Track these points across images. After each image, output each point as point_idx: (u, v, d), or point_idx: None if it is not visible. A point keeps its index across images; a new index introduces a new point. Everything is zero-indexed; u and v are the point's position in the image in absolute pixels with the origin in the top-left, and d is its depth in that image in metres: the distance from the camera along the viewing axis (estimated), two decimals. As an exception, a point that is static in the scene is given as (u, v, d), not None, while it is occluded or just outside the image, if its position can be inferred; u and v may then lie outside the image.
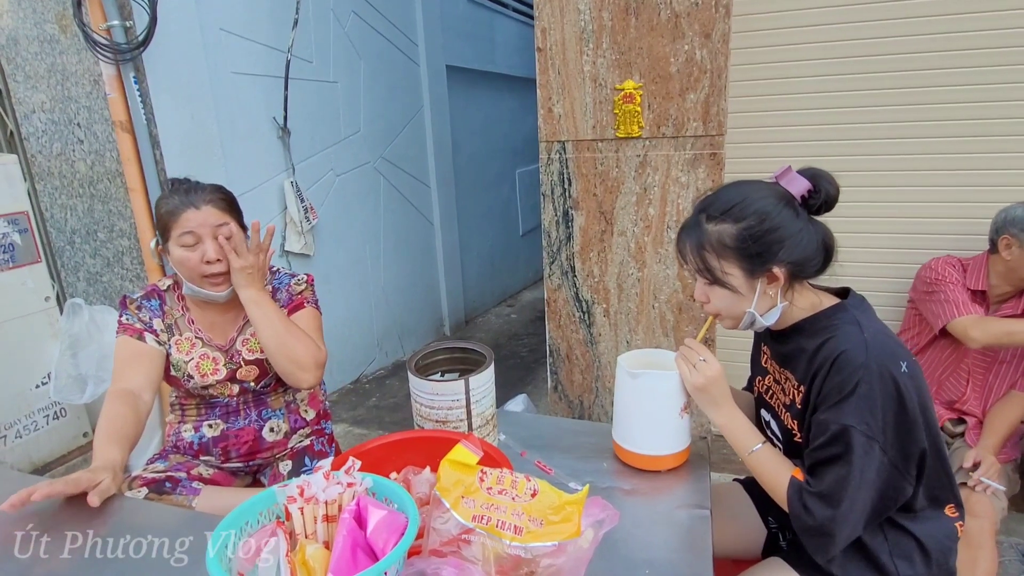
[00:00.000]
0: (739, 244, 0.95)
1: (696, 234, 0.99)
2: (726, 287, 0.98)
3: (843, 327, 0.95)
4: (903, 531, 0.99)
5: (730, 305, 1.01)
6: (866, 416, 0.88)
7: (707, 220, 0.99)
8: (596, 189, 2.22)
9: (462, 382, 1.10)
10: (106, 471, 1.07)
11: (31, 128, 2.54)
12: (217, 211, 1.31)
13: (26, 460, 2.32)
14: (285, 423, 1.49)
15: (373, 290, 3.54)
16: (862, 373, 0.89)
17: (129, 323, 1.36)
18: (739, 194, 0.97)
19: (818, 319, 1.00)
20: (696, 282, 1.05)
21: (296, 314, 1.45)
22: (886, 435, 0.89)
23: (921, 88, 2.00)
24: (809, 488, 0.94)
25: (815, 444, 0.94)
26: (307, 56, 2.90)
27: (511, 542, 0.73)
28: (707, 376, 1.03)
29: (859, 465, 0.89)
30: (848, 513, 0.90)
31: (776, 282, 0.97)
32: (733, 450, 1.07)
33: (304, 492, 0.74)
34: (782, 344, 1.06)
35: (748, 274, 0.97)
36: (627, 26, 2.03)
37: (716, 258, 0.97)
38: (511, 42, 4.77)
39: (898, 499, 0.94)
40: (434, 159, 3.95)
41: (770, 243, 0.94)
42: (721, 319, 1.06)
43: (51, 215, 2.64)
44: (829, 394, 0.92)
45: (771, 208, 0.95)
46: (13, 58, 2.46)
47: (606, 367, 2.40)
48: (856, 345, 0.91)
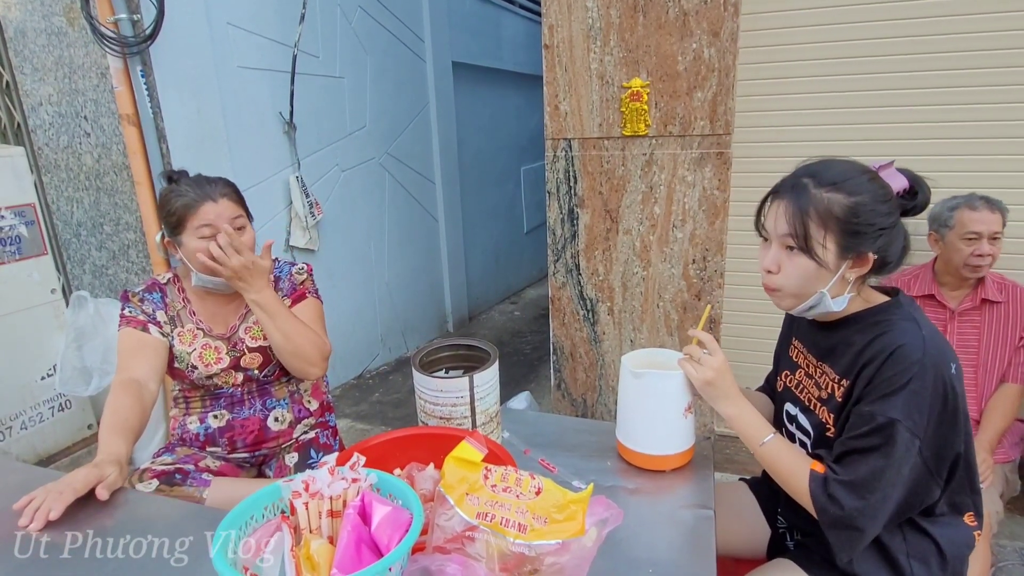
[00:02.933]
0: (848, 217, 0.91)
1: (802, 197, 0.93)
2: (815, 259, 0.92)
3: (900, 323, 0.93)
4: (923, 533, 0.99)
5: (804, 280, 0.95)
6: (913, 413, 0.88)
7: (816, 185, 0.93)
8: (602, 187, 2.22)
9: (466, 379, 1.10)
10: (112, 464, 1.08)
11: (38, 120, 2.54)
12: (232, 204, 1.35)
13: (31, 451, 2.33)
14: (289, 412, 1.51)
15: (377, 286, 3.54)
16: (917, 369, 0.88)
17: (132, 315, 1.37)
18: (852, 170, 0.94)
19: (872, 313, 0.98)
20: (771, 247, 0.99)
21: (299, 305, 1.47)
22: (927, 434, 0.89)
23: (934, 88, 1.98)
24: (836, 476, 0.92)
25: (853, 433, 0.92)
26: (314, 51, 2.90)
27: (515, 540, 0.73)
28: (715, 368, 1.02)
29: (898, 460, 0.88)
30: (879, 507, 0.89)
31: (861, 267, 0.94)
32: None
33: (309, 487, 0.74)
34: (825, 337, 1.03)
35: (842, 251, 0.92)
36: (635, 24, 2.03)
37: (819, 226, 0.91)
38: (517, 39, 4.76)
39: (925, 500, 0.94)
40: (439, 155, 3.94)
41: (874, 227, 0.91)
42: (780, 296, 1.00)
43: (57, 208, 2.65)
44: (878, 386, 0.90)
45: (881, 194, 0.93)
46: (21, 50, 2.47)
47: (610, 365, 2.40)
48: (914, 341, 0.90)
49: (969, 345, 1.73)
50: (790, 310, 1.01)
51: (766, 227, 0.99)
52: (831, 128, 2.11)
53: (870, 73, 2.03)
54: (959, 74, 1.95)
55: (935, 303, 1.79)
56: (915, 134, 2.04)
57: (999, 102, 1.93)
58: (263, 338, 1.42)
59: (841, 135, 2.10)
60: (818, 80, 2.08)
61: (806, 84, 2.10)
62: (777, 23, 2.08)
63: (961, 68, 1.94)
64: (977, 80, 1.94)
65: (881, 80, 2.02)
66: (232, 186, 1.39)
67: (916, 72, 1.98)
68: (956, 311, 1.75)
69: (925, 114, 2.01)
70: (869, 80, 2.03)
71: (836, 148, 2.09)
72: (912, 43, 1.96)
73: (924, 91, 1.99)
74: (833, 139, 2.11)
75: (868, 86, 2.04)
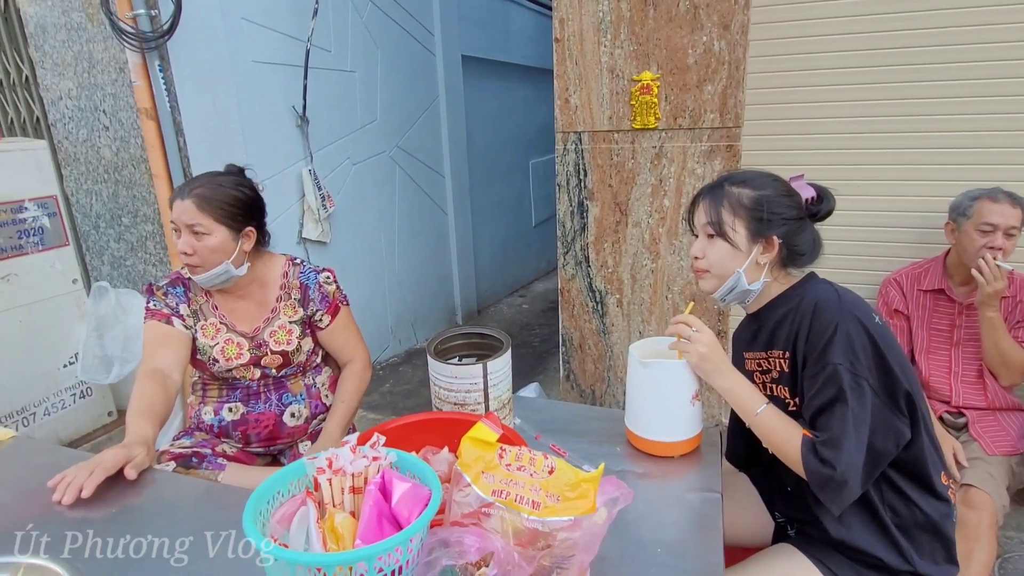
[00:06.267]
0: (753, 205, 1.07)
1: (717, 193, 1.11)
2: (728, 241, 1.08)
3: (814, 286, 1.09)
4: (898, 494, 1.04)
5: (723, 260, 1.09)
6: (849, 355, 0.97)
7: (729, 184, 1.11)
8: (611, 180, 2.24)
9: (480, 366, 1.14)
10: (141, 446, 1.12)
11: (58, 115, 2.59)
12: (193, 208, 1.30)
13: (53, 437, 2.39)
14: (306, 408, 1.52)
15: (387, 278, 3.58)
16: (839, 316, 0.99)
17: (156, 308, 1.40)
18: (761, 174, 1.13)
19: (793, 288, 1.11)
20: (697, 240, 1.14)
21: (336, 320, 1.51)
22: (872, 372, 0.97)
23: (947, 82, 1.98)
24: (818, 438, 0.98)
25: (811, 395, 1.00)
26: (326, 45, 2.93)
27: (529, 516, 0.77)
28: (706, 343, 1.09)
29: (853, 401, 0.95)
30: (856, 455, 0.95)
31: (770, 251, 1.08)
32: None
33: (332, 464, 0.78)
34: (762, 327, 1.13)
35: (751, 235, 1.08)
36: (645, 17, 2.04)
37: (730, 214, 1.08)
38: (526, 32, 4.76)
39: (898, 440, 0.99)
40: (448, 149, 3.97)
41: (777, 215, 1.07)
42: (706, 278, 1.13)
43: (77, 200, 2.70)
44: (814, 343, 1.00)
45: (785, 192, 1.10)
46: (41, 46, 2.52)
47: (618, 357, 2.42)
48: (829, 295, 1.03)
49: (977, 337, 1.74)
50: (713, 292, 1.14)
51: (694, 223, 1.15)
52: (842, 121, 2.12)
53: (882, 66, 2.03)
54: (979, 66, 1.94)
55: (944, 298, 1.79)
56: (933, 127, 2.03)
57: (1018, 95, 1.92)
58: (287, 343, 1.45)
59: (854, 128, 2.11)
60: (829, 73, 2.08)
61: (817, 77, 2.10)
62: (788, 15, 2.08)
63: (981, 60, 1.93)
64: (999, 72, 1.92)
65: (894, 73, 2.02)
66: (208, 187, 1.33)
67: (931, 65, 1.98)
68: (965, 304, 1.76)
69: (941, 108, 2.00)
70: (881, 73, 2.03)
71: (849, 141, 2.13)
72: (931, 35, 1.96)
73: (940, 84, 1.99)
74: (844, 131, 2.12)
75: (880, 79, 2.04)
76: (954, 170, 2.04)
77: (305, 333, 1.49)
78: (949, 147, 2.03)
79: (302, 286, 1.48)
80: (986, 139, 1.99)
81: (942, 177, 2.05)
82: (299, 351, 1.47)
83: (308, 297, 1.48)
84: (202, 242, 1.31)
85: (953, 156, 2.03)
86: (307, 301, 1.48)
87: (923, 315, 1.83)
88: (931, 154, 2.06)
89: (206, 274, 1.35)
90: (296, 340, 1.46)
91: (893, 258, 2.13)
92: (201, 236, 1.31)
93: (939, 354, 1.80)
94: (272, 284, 1.48)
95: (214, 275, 1.35)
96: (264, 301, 1.46)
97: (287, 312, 1.47)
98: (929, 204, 2.08)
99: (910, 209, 2.11)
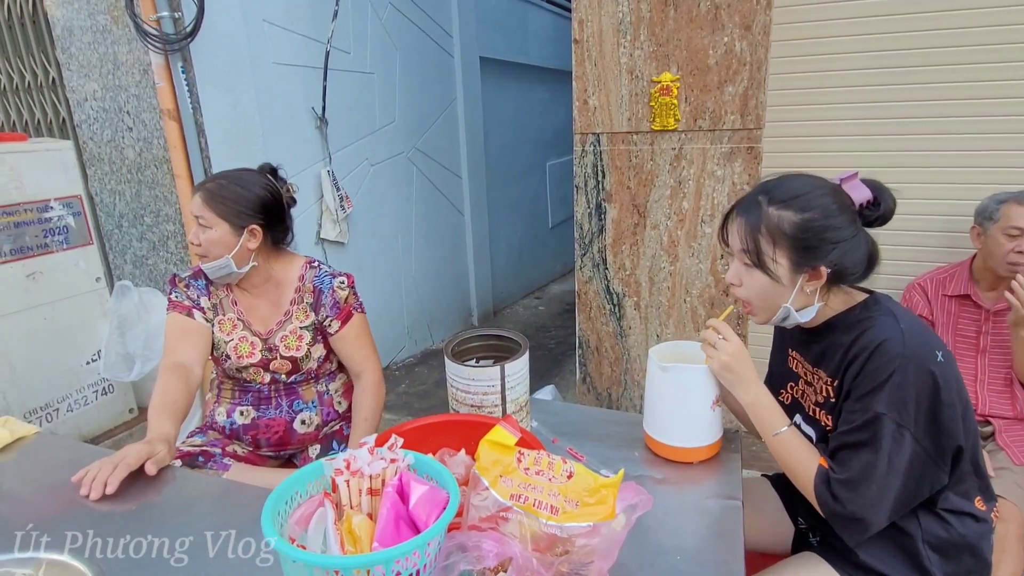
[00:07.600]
0: (797, 234, 0.95)
1: (754, 214, 0.98)
2: (768, 274, 0.97)
3: (879, 319, 0.96)
4: (938, 519, 0.99)
5: (764, 294, 1.00)
6: (898, 405, 0.90)
7: (769, 203, 0.97)
8: (630, 182, 2.22)
9: (498, 368, 1.13)
10: (162, 442, 1.14)
11: (83, 115, 2.64)
12: (201, 202, 1.36)
13: (76, 433, 2.43)
14: (317, 415, 1.50)
15: (404, 279, 3.60)
16: (898, 363, 0.90)
17: (178, 300, 1.42)
18: (806, 185, 0.98)
19: (852, 313, 1.01)
20: (732, 262, 1.04)
21: (347, 326, 1.46)
22: (918, 423, 0.90)
23: (972, 83, 1.93)
24: (835, 475, 0.94)
25: (843, 429, 0.95)
26: (345, 47, 2.95)
27: (547, 521, 0.76)
28: (730, 352, 1.03)
29: (888, 452, 0.90)
30: (877, 498, 0.91)
31: (817, 280, 0.97)
32: (762, 447, 1.07)
33: (350, 466, 0.77)
34: (815, 343, 1.06)
35: (794, 266, 0.96)
36: (666, 18, 2.02)
37: (770, 244, 0.96)
38: (544, 33, 4.75)
39: (933, 486, 0.95)
40: (466, 150, 3.97)
41: (825, 241, 0.94)
42: (753, 312, 1.05)
43: (100, 200, 2.75)
44: (863, 383, 0.93)
45: (835, 208, 0.95)
46: (67, 48, 2.57)
47: (636, 360, 2.40)
48: (894, 335, 0.92)
49: (1004, 344, 1.69)
50: (767, 323, 1.05)
51: (728, 242, 1.03)
52: (866, 123, 2.08)
53: (908, 67, 1.99)
54: (1005, 67, 1.89)
55: (970, 304, 1.75)
56: (958, 129, 1.99)
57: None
58: (296, 349, 1.44)
59: (878, 130, 2.07)
60: (853, 74, 2.05)
61: (840, 78, 2.06)
62: (811, 16, 2.05)
63: (1006, 61, 1.89)
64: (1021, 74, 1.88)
65: (920, 75, 1.98)
66: (219, 182, 1.37)
67: (959, 65, 1.94)
68: (992, 310, 1.71)
69: (969, 108, 1.96)
70: (907, 74, 1.99)
71: (873, 144, 2.09)
72: (955, 35, 1.92)
73: (966, 85, 1.94)
74: (870, 134, 2.08)
75: (906, 80, 2.00)
76: (980, 173, 1.99)
77: (316, 339, 1.46)
78: (975, 149, 1.99)
79: (316, 290, 1.46)
80: (1012, 141, 1.94)
81: (968, 180, 2.01)
82: (308, 358, 1.45)
83: (320, 302, 1.45)
84: (205, 234, 1.36)
85: (979, 159, 1.99)
86: (319, 306, 1.45)
87: (948, 321, 1.79)
88: (957, 157, 2.01)
89: (210, 264, 1.39)
90: (306, 347, 1.44)
91: (918, 262, 2.08)
92: (205, 228, 1.35)
93: (965, 361, 1.76)
94: (288, 285, 1.47)
95: (216, 267, 1.38)
96: (279, 302, 1.46)
97: (299, 316, 1.45)
98: (955, 208, 2.03)
99: (935, 213, 2.07)
